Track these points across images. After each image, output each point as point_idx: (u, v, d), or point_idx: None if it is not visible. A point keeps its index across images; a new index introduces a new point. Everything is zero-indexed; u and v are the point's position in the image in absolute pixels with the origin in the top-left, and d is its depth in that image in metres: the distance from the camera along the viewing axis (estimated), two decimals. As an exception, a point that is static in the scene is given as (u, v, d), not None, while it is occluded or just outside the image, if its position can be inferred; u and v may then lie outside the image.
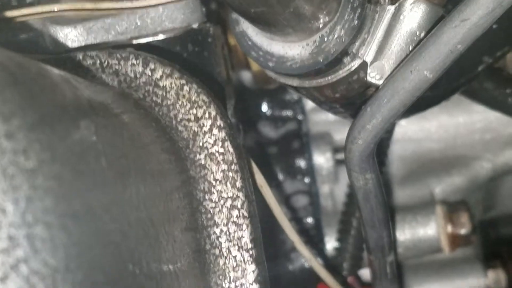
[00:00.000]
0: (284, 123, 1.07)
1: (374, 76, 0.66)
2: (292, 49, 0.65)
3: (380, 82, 0.66)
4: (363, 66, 0.66)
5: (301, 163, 1.06)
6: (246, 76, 1.05)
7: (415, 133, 1.06)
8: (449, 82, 0.84)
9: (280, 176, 1.05)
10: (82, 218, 0.44)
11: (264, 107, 1.07)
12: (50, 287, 0.40)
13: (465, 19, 0.56)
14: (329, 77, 0.68)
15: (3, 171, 0.39)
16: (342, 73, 0.67)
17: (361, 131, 0.65)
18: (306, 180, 1.05)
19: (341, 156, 1.05)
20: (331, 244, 1.04)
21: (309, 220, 1.05)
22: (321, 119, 1.08)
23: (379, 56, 0.66)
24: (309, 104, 1.07)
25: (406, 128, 1.06)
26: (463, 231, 1.01)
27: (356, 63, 0.67)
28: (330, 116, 1.07)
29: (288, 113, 1.07)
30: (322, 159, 1.06)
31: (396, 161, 1.07)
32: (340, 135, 1.07)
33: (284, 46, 0.65)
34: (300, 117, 1.07)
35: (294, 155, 1.06)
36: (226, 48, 0.87)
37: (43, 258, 0.40)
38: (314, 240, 1.04)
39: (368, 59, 0.66)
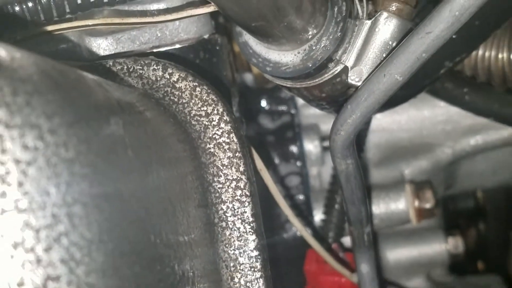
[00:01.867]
0: (280, 116, 1.07)
1: (354, 79, 0.66)
2: (286, 57, 0.65)
3: (359, 84, 0.66)
4: (345, 70, 0.66)
5: (294, 149, 1.05)
6: (248, 78, 1.05)
7: (388, 125, 1.06)
8: (416, 83, 0.84)
9: (276, 160, 1.05)
10: (112, 199, 0.45)
11: (263, 103, 1.07)
12: (86, 255, 0.40)
13: (429, 31, 0.56)
14: (317, 79, 0.68)
15: (47, 160, 0.39)
16: (327, 76, 0.67)
17: (343, 124, 0.65)
18: (298, 163, 1.05)
19: (327, 143, 1.05)
20: (318, 216, 1.04)
21: (300, 197, 1.05)
22: (311, 113, 1.07)
23: (358, 62, 0.66)
24: (300, 100, 1.06)
25: (380, 121, 1.05)
26: (428, 205, 1.01)
27: (339, 68, 0.67)
28: (318, 111, 1.06)
29: (283, 108, 1.07)
30: (311, 146, 1.06)
31: (372, 148, 1.06)
32: (326, 126, 1.07)
33: (279, 54, 0.65)
34: (293, 111, 1.07)
35: (288, 143, 1.06)
36: (232, 54, 0.87)
37: (80, 232, 0.40)
38: (304, 213, 1.04)
39: (349, 64, 0.66)
